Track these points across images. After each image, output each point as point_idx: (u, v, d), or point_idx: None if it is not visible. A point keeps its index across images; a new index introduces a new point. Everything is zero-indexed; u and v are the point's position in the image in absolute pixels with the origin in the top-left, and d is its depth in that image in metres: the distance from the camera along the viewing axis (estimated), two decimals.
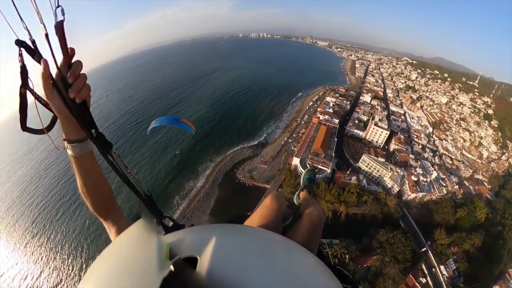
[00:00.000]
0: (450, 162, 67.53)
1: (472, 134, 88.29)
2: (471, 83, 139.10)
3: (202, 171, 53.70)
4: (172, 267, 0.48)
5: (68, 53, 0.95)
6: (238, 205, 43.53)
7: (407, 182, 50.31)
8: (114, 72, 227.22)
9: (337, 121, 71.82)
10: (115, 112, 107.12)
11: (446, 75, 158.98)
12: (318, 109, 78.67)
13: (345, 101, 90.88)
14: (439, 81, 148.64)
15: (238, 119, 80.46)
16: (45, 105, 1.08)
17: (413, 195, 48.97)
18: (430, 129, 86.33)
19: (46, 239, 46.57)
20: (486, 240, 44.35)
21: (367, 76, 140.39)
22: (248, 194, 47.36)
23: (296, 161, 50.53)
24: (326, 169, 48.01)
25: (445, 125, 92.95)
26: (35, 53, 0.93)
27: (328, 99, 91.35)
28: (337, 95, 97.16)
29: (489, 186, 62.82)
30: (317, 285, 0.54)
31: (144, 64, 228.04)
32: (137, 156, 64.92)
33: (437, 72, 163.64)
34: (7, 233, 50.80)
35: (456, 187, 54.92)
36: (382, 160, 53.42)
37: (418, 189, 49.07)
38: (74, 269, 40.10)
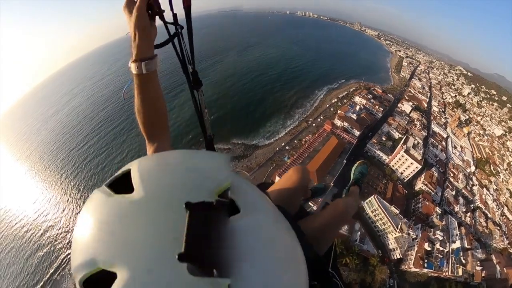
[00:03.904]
0: (484, 224, 49.41)
1: None
2: None
3: None
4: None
5: None
6: None
7: (416, 249, 34.98)
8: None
9: (357, 133, 53.86)
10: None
11: (505, 98, 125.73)
12: (338, 112, 60.24)
13: (377, 107, 70.28)
14: (495, 104, 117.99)
15: (253, 109, 66.05)
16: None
17: (415, 270, 34.18)
18: (472, 168, 65.64)
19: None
20: None
21: (412, 79, 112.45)
22: None
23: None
24: (311, 205, 33.63)
25: (492, 168, 70.62)
26: None
27: (356, 99, 71.27)
28: (370, 96, 75.82)
29: None
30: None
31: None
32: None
33: (494, 93, 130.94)
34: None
35: (479, 268, 38.35)
36: (396, 211, 37.40)
37: (426, 265, 33.86)
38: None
